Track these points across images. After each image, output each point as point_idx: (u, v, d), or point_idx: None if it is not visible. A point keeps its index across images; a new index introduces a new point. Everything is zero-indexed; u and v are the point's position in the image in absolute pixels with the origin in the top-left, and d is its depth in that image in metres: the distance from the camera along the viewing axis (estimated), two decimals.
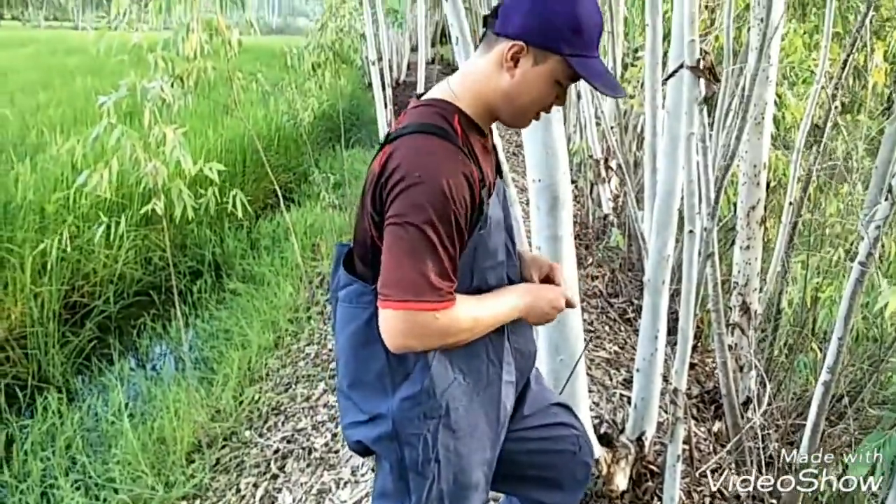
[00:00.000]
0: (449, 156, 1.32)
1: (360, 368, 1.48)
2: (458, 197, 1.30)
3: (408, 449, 1.46)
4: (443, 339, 1.35)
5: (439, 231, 1.28)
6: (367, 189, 1.39)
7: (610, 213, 5.87)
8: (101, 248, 5.96)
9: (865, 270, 2.38)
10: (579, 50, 1.34)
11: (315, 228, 7.11)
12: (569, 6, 1.31)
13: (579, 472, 1.84)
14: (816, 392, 2.55)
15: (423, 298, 1.28)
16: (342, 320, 1.50)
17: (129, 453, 3.57)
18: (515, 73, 1.37)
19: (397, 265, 1.29)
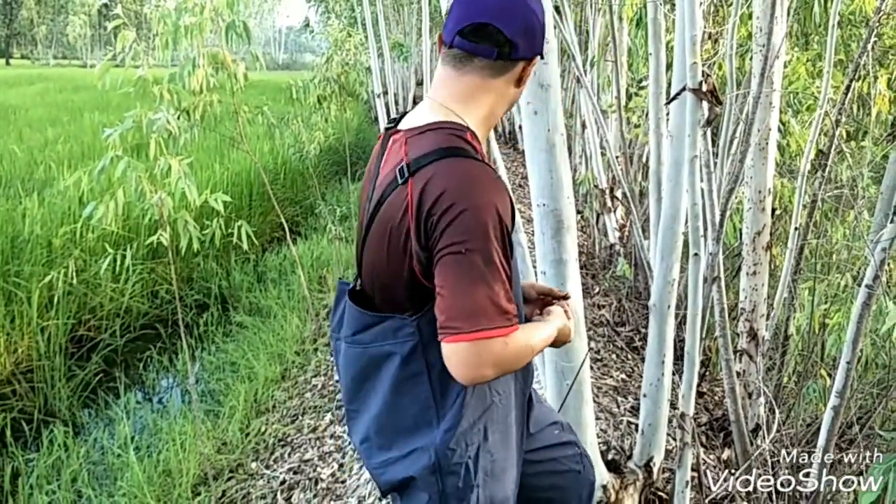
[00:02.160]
0: (491, 178, 1.31)
1: (395, 411, 1.44)
2: (507, 219, 1.30)
3: (450, 478, 1.41)
4: (514, 365, 1.33)
5: (499, 254, 1.27)
6: (398, 225, 1.33)
7: (616, 243, 5.88)
8: (108, 281, 5.99)
9: (872, 293, 2.37)
10: (538, 50, 1.44)
11: (322, 261, 7.13)
12: (540, 16, 1.41)
13: (584, 491, 1.82)
14: (826, 417, 2.52)
15: (496, 325, 1.25)
16: (359, 361, 1.46)
17: (134, 486, 3.54)
18: (521, 85, 1.45)
19: (465, 294, 1.25)
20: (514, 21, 1.36)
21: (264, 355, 5.11)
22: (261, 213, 8.65)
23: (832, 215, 4.63)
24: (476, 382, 1.32)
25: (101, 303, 5.96)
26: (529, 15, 1.38)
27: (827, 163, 3.25)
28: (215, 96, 4.32)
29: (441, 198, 1.26)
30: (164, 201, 3.58)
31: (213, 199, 3.80)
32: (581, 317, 2.36)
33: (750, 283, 3.33)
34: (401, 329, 1.39)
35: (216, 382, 5.01)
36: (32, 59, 54.33)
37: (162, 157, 3.60)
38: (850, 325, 2.44)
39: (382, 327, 1.41)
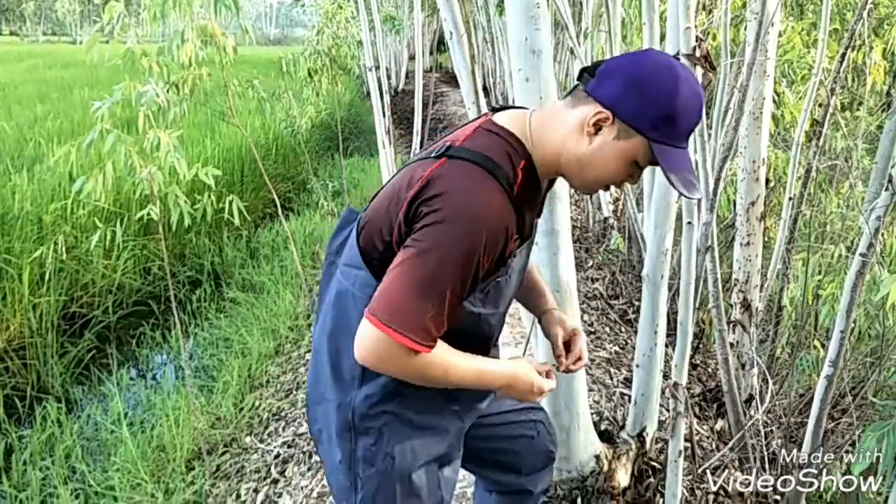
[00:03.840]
0: (497, 206, 1.26)
1: (336, 353, 1.46)
2: (490, 250, 1.26)
3: (363, 440, 1.44)
4: (419, 379, 1.31)
5: (457, 279, 1.24)
6: (403, 193, 1.31)
7: (610, 216, 5.86)
8: (100, 258, 5.96)
9: (867, 261, 2.36)
10: (667, 138, 1.26)
11: (314, 237, 7.10)
12: (669, 93, 1.23)
13: (537, 459, 1.82)
14: (819, 386, 2.52)
15: (410, 336, 1.23)
16: (338, 290, 1.45)
17: (128, 461, 3.54)
18: (594, 140, 1.29)
19: (401, 292, 1.24)
20: (647, 88, 1.24)
21: (258, 331, 5.10)
22: (252, 188, 8.60)
23: (826, 186, 4.62)
24: (373, 370, 1.30)
25: (92, 279, 5.93)
26: (671, 95, 1.24)
27: (822, 132, 3.22)
28: (205, 70, 4.26)
29: (439, 196, 1.25)
30: (154, 176, 3.55)
31: (204, 173, 3.76)
32: (574, 290, 2.34)
33: (744, 253, 3.32)
34: (367, 287, 1.37)
35: (209, 358, 5.00)
36: (21, 36, 53.79)
37: (151, 131, 3.56)
38: (843, 294, 2.44)
39: (358, 274, 1.40)
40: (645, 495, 2.48)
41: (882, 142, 3.73)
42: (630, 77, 1.24)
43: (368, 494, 1.46)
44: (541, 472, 1.85)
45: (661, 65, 1.25)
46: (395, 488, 1.46)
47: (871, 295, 3.44)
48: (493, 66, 14.66)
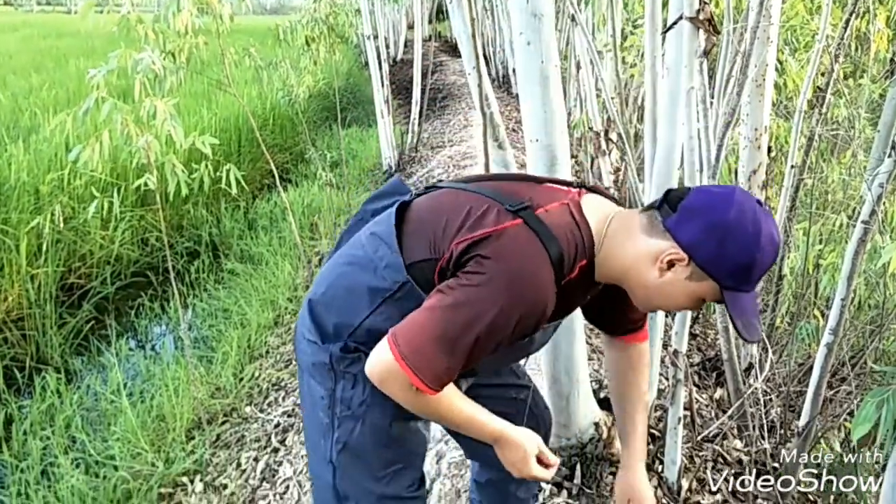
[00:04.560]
0: (544, 293, 1.28)
1: (344, 291, 1.47)
2: (522, 326, 1.28)
3: (342, 382, 1.45)
4: (420, 411, 1.34)
5: (482, 342, 1.26)
6: (465, 229, 1.32)
7: (611, 187, 5.82)
8: (97, 229, 5.93)
9: (868, 229, 2.34)
10: (739, 285, 1.26)
11: (313, 208, 7.08)
12: (751, 250, 1.22)
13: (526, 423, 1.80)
14: (819, 354, 2.51)
15: (421, 377, 1.25)
16: (362, 255, 1.46)
17: (128, 431, 3.55)
18: (665, 275, 1.29)
19: (426, 334, 1.26)
20: (728, 238, 1.23)
21: (257, 302, 5.09)
22: (250, 159, 8.55)
23: (828, 155, 4.59)
24: (375, 384, 1.32)
25: (90, 250, 5.91)
26: (753, 248, 1.23)
27: (825, 99, 3.19)
28: (201, 38, 4.21)
29: (496, 260, 1.26)
30: (151, 144, 3.51)
31: (201, 141, 3.73)
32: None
33: None
34: (399, 272, 1.40)
35: (208, 329, 5.00)
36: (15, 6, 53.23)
37: (147, 99, 3.52)
38: (845, 262, 2.42)
39: (392, 258, 1.41)
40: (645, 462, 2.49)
41: (885, 110, 3.70)
42: (713, 223, 1.23)
43: (343, 436, 1.47)
44: None
45: (745, 214, 1.23)
46: (369, 435, 1.47)
47: (872, 264, 3.43)
48: (492, 34, 14.54)
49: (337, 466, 1.49)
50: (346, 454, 1.48)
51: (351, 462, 1.48)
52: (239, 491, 3.18)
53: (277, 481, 3.15)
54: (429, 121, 10.77)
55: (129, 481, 3.26)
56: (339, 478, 1.49)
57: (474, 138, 8.89)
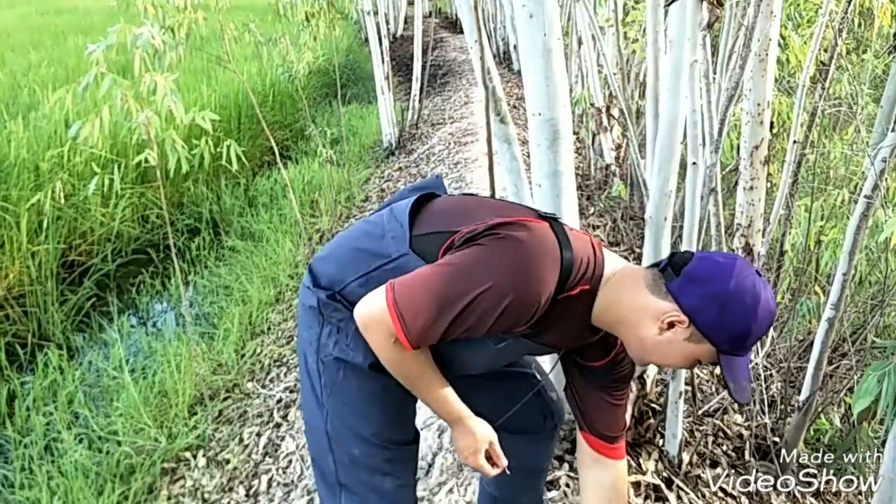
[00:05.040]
0: (543, 290, 1.32)
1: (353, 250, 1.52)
2: (509, 314, 1.31)
3: (327, 326, 1.49)
4: (382, 354, 1.37)
5: (471, 313, 1.29)
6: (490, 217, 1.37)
7: (612, 163, 5.81)
8: (98, 206, 5.93)
9: (871, 203, 2.34)
10: (734, 350, 1.32)
11: (313, 185, 7.06)
12: (748, 320, 1.29)
13: (530, 418, 1.79)
14: (820, 329, 2.52)
15: (404, 327, 1.30)
16: (383, 225, 1.50)
17: (131, 407, 3.56)
18: (664, 334, 1.34)
19: (424, 289, 1.31)
20: (728, 308, 1.29)
21: (258, 279, 5.10)
22: (250, 136, 8.52)
23: (831, 132, 4.57)
24: (358, 327, 1.37)
25: (91, 228, 5.91)
26: (750, 319, 1.29)
27: (827, 74, 3.17)
28: (200, 13, 4.18)
29: (514, 240, 1.32)
30: (151, 120, 3.50)
31: (201, 117, 3.72)
32: None
33: (747, 198, 3.29)
34: (405, 242, 1.44)
35: (210, 306, 5.01)
36: None
37: (147, 75, 3.50)
38: (846, 236, 2.42)
39: (402, 230, 1.46)
40: (645, 436, 2.50)
41: (888, 85, 3.68)
42: (714, 292, 1.29)
43: (329, 380, 1.51)
44: (533, 439, 1.83)
45: (746, 287, 1.28)
46: (353, 380, 1.50)
47: (874, 240, 3.42)
48: (493, 10, 14.44)
49: (328, 411, 1.52)
50: (333, 398, 1.51)
51: (339, 406, 1.52)
52: (241, 465, 3.20)
53: (280, 456, 3.17)
54: (429, 97, 10.72)
55: (132, 456, 3.28)
56: (329, 422, 1.53)
57: (475, 115, 8.85)
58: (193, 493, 3.12)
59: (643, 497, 2.29)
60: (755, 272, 1.33)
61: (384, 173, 7.67)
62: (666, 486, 2.36)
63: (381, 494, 1.57)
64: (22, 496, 3.09)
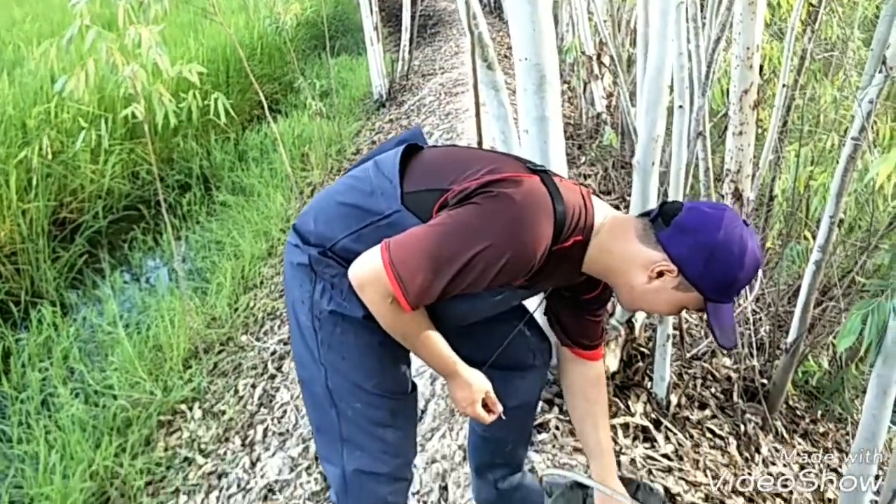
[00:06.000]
0: (538, 244, 1.33)
1: (342, 206, 1.51)
2: (506, 271, 1.33)
3: (320, 282, 1.49)
4: (378, 313, 1.38)
5: (468, 272, 1.31)
6: (484, 173, 1.38)
7: (603, 112, 5.78)
8: (87, 163, 5.89)
9: (858, 145, 2.34)
10: (720, 297, 1.37)
11: (303, 138, 7.01)
12: (734, 269, 1.34)
13: (519, 354, 1.81)
14: (807, 272, 2.54)
15: (402, 288, 1.30)
16: (369, 180, 1.50)
17: (126, 361, 3.59)
18: (653, 282, 1.38)
19: (420, 247, 1.31)
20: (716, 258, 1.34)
21: (249, 233, 5.10)
22: (239, 90, 8.43)
23: (821, 77, 4.55)
24: (354, 287, 1.37)
25: (81, 185, 5.88)
26: (737, 268, 1.34)
27: (817, 17, 3.14)
28: None
29: (507, 196, 1.32)
30: (137, 74, 3.46)
31: (188, 69, 3.68)
32: None
33: (736, 143, 3.28)
34: (394, 200, 1.44)
35: (202, 261, 5.01)
36: None
37: (132, 27, 3.45)
38: (834, 179, 2.43)
39: (390, 188, 1.46)
40: (634, 378, 2.53)
41: (878, 27, 3.64)
42: (702, 243, 1.34)
43: (326, 337, 1.51)
44: (523, 376, 1.85)
45: (733, 237, 1.33)
46: (351, 334, 1.50)
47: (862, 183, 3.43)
48: None
49: (326, 367, 1.53)
50: (332, 353, 1.52)
51: (338, 361, 1.52)
52: (237, 416, 3.24)
53: (275, 406, 3.21)
54: (419, 48, 10.60)
55: (129, 409, 3.31)
56: (329, 378, 1.54)
57: (465, 65, 8.76)
58: (190, 444, 3.17)
59: (632, 438, 2.33)
60: (742, 222, 1.37)
61: (375, 126, 7.62)
62: (654, 427, 2.40)
63: (384, 446, 1.59)
64: (20, 450, 3.13)
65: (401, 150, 1.49)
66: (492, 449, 1.95)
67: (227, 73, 8.48)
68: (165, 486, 2.96)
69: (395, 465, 1.61)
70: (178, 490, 2.91)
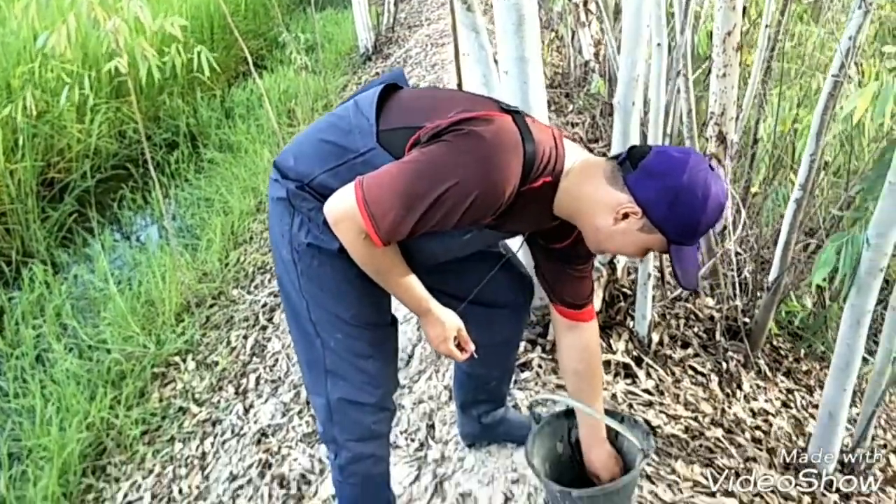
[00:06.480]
0: (507, 181, 1.35)
1: (321, 140, 1.53)
2: (477, 208, 1.35)
3: (297, 216, 1.52)
4: (352, 250, 1.41)
5: (439, 208, 1.33)
6: (457, 112, 1.39)
7: (591, 59, 5.74)
8: (73, 122, 5.84)
9: (839, 82, 2.35)
10: (684, 240, 1.41)
11: (289, 94, 6.97)
12: (698, 213, 1.36)
13: (501, 290, 1.83)
14: (788, 210, 2.57)
15: (374, 224, 1.33)
16: (349, 118, 1.51)
17: (118, 316, 3.63)
18: (619, 224, 1.41)
19: (393, 184, 1.33)
20: (680, 201, 1.36)
21: (237, 189, 5.10)
22: (224, 46, 8.34)
23: (808, 18, 4.53)
24: (329, 223, 1.40)
25: (68, 144, 5.84)
26: (700, 212, 1.36)
27: None
28: None
29: (476, 134, 1.34)
30: (119, 28, 3.44)
31: (170, 23, 3.65)
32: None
33: (719, 85, 3.28)
34: (370, 138, 1.46)
35: (192, 218, 5.03)
36: None
37: None
38: (814, 117, 2.44)
39: (367, 126, 1.47)
40: (616, 318, 2.57)
41: None
42: (667, 186, 1.36)
43: (305, 268, 1.55)
44: (505, 312, 1.87)
45: (698, 181, 1.35)
46: (328, 265, 1.54)
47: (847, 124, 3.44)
48: None
49: (307, 299, 1.57)
50: (311, 285, 1.55)
51: (317, 293, 1.56)
52: (230, 366, 3.29)
53: (266, 355, 3.25)
54: (404, 0, 10.49)
55: (123, 363, 3.36)
56: (311, 310, 1.58)
57: None
58: (184, 394, 3.22)
59: (613, 374, 2.38)
60: (709, 166, 1.39)
61: (361, 79, 7.57)
62: (636, 364, 2.44)
63: (367, 377, 1.63)
64: (17, 404, 3.18)
65: (379, 89, 1.51)
66: (475, 385, 1.99)
67: (211, 29, 8.38)
68: (161, 435, 3.02)
69: (378, 395, 1.65)
70: (174, 438, 2.96)
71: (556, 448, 1.85)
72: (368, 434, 1.69)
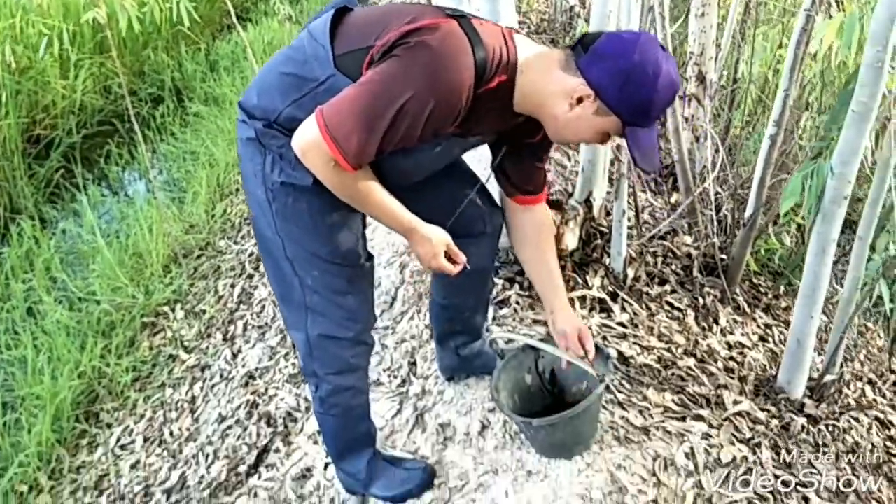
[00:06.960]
0: (460, 83, 1.37)
1: (282, 75, 1.53)
2: (437, 116, 1.38)
3: (270, 155, 1.54)
4: (326, 180, 1.43)
5: (396, 123, 1.35)
6: (403, 24, 1.40)
7: (576, 4, 5.71)
8: (56, 78, 5.80)
9: (811, 17, 2.36)
10: (639, 122, 1.44)
11: (274, 45, 6.90)
12: (650, 89, 1.39)
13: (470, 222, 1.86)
14: (763, 146, 2.60)
15: (341, 149, 1.35)
16: (304, 49, 1.52)
17: (107, 268, 3.66)
18: (574, 109, 1.44)
19: (351, 107, 1.35)
20: (631, 81, 1.38)
21: (223, 142, 5.09)
22: None
23: None
24: (299, 158, 1.42)
25: (53, 101, 5.80)
26: (651, 90, 1.39)
27: None
28: None
29: (423, 44, 1.36)
30: None
31: None
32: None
33: (698, 24, 3.29)
34: (327, 65, 1.46)
35: (178, 171, 5.03)
36: None
37: None
38: (788, 53, 2.46)
39: (323, 53, 1.48)
40: (592, 255, 2.61)
41: None
42: (618, 67, 1.38)
43: (280, 207, 1.57)
44: (478, 241, 1.89)
45: (648, 59, 1.38)
46: (304, 202, 1.56)
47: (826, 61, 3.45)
48: None
49: (283, 238, 1.60)
50: (286, 224, 1.58)
51: (293, 230, 1.59)
52: (217, 314, 3.34)
53: (253, 302, 3.30)
54: None
55: (112, 313, 3.40)
56: (287, 249, 1.61)
57: None
58: (173, 342, 3.27)
59: (588, 309, 2.43)
60: (661, 47, 1.41)
61: None
62: (611, 299, 2.49)
63: (345, 312, 1.68)
64: (9, 355, 3.23)
65: (331, 14, 1.51)
66: (450, 316, 2.04)
67: None
68: (151, 382, 3.08)
69: (356, 329, 1.70)
70: (164, 384, 3.03)
71: (525, 380, 1.91)
72: (347, 367, 1.75)
